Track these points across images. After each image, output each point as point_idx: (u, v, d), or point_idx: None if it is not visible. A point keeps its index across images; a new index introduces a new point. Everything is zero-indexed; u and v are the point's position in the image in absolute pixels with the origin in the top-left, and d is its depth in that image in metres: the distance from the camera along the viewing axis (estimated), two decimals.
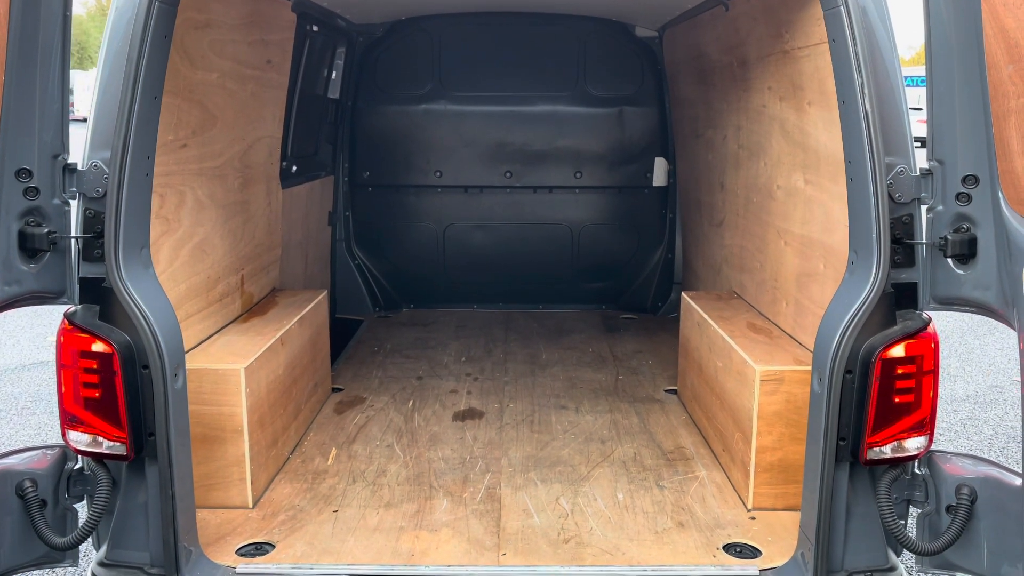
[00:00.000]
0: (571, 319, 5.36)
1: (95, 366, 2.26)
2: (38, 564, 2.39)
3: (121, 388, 2.25)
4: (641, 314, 5.46)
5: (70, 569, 3.22)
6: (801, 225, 3.09)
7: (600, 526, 2.74)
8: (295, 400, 3.41)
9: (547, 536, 2.68)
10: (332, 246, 5.36)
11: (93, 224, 2.29)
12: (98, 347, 2.25)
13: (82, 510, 2.45)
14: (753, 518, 2.80)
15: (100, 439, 2.30)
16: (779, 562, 2.50)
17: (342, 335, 4.98)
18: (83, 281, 2.32)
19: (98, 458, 2.33)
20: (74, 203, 2.31)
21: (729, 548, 2.62)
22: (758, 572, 2.46)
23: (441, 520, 2.79)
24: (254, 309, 3.56)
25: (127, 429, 2.27)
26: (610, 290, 5.59)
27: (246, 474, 2.85)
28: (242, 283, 3.48)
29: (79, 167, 2.29)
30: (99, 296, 2.30)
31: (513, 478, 3.10)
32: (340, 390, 4.08)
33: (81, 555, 3.01)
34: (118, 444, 2.29)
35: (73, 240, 2.31)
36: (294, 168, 4.34)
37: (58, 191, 2.27)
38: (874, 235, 2.25)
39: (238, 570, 2.46)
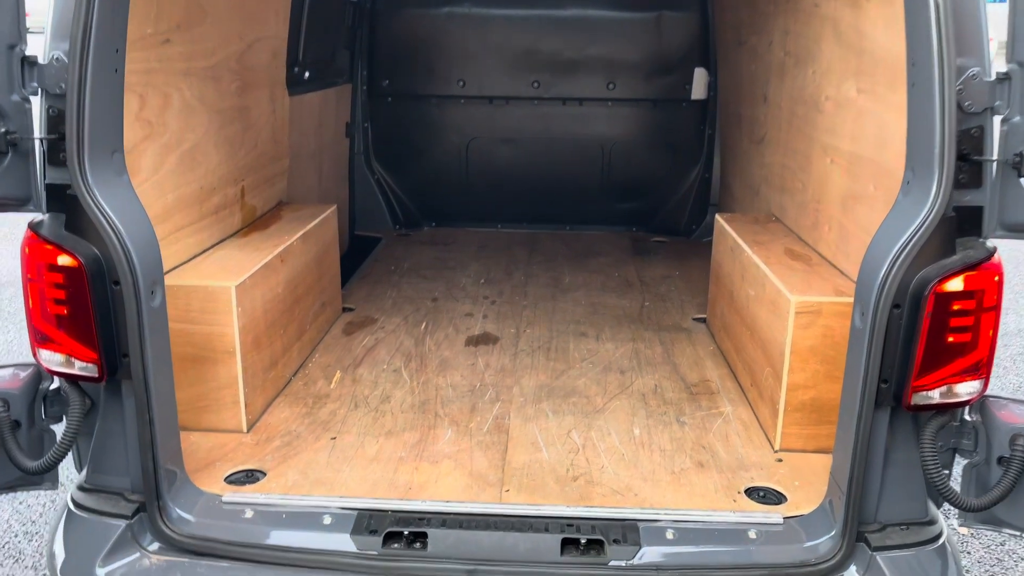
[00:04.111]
0: (599, 241, 5.09)
1: (61, 281, 2.08)
2: (13, 487, 2.28)
3: (91, 305, 2.07)
4: (673, 237, 5.17)
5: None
6: (851, 141, 2.77)
7: (612, 463, 2.55)
8: (298, 320, 3.24)
9: (555, 472, 2.50)
10: (350, 159, 5.12)
11: (57, 124, 2.07)
12: (64, 260, 2.06)
13: (61, 431, 2.32)
14: (780, 460, 2.59)
15: (72, 359, 2.14)
16: (805, 510, 2.29)
17: (359, 253, 4.79)
18: (49, 188, 2.12)
19: (72, 379, 2.18)
20: (36, 100, 2.10)
21: (751, 492, 2.41)
22: (782, 520, 2.25)
23: (443, 451, 2.62)
24: (256, 223, 3.36)
25: (99, 350, 2.10)
26: (641, 211, 5.30)
27: (239, 397, 2.70)
28: (242, 195, 3.27)
29: (39, 60, 2.06)
30: (66, 205, 2.10)
31: (524, 408, 2.92)
32: (351, 310, 3.90)
33: (67, 478, 2.92)
34: (91, 365, 2.12)
35: (37, 142, 2.10)
36: (306, 74, 4.07)
37: (17, 86, 2.05)
38: (936, 150, 1.94)
39: (224, 499, 2.33)
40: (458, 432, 2.74)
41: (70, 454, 2.30)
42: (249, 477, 2.48)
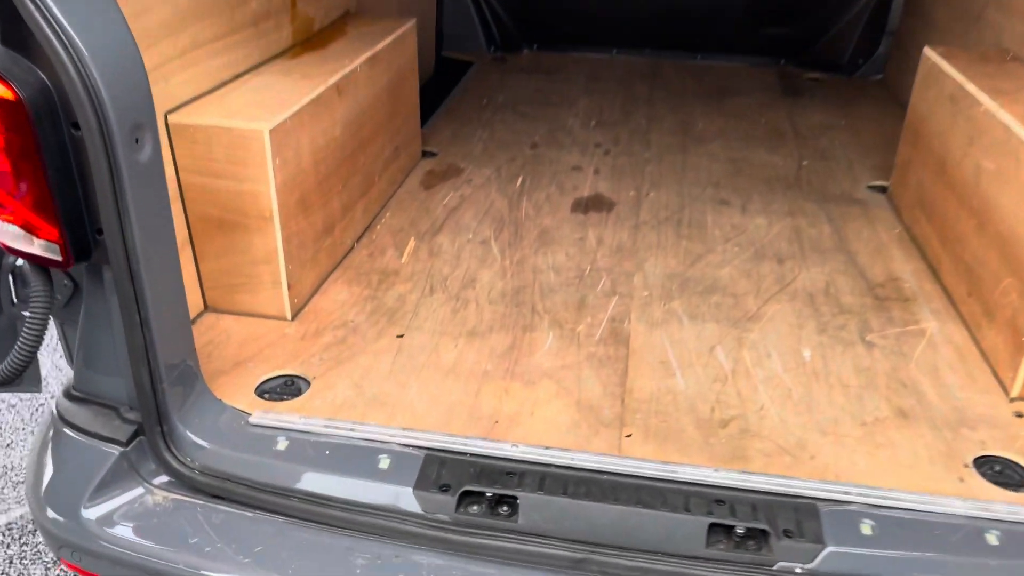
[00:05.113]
0: (738, 76, 4.12)
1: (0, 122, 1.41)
2: None
3: (40, 160, 1.42)
4: (832, 74, 4.14)
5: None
6: None
7: (776, 403, 1.85)
8: (363, 170, 2.54)
9: (695, 411, 1.82)
10: None
11: None
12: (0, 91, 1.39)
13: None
14: (1021, 415, 1.82)
15: (32, 235, 1.52)
16: None
17: (445, 81, 3.99)
18: None
19: (35, 260, 1.57)
20: None
21: (983, 464, 1.68)
22: None
23: (542, 366, 1.96)
24: (311, 41, 2.60)
25: (58, 223, 1.47)
26: (793, 39, 4.25)
27: (280, 276, 2.07)
28: (293, 1, 2.50)
29: None
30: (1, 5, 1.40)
31: (648, 308, 2.20)
32: (433, 155, 3.18)
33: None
34: (53, 244, 1.50)
35: None
36: None
37: None
38: None
39: (252, 419, 1.75)
40: (562, 338, 2.07)
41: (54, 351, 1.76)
42: (288, 387, 1.89)
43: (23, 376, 1.72)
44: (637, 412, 1.81)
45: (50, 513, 1.65)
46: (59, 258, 1.49)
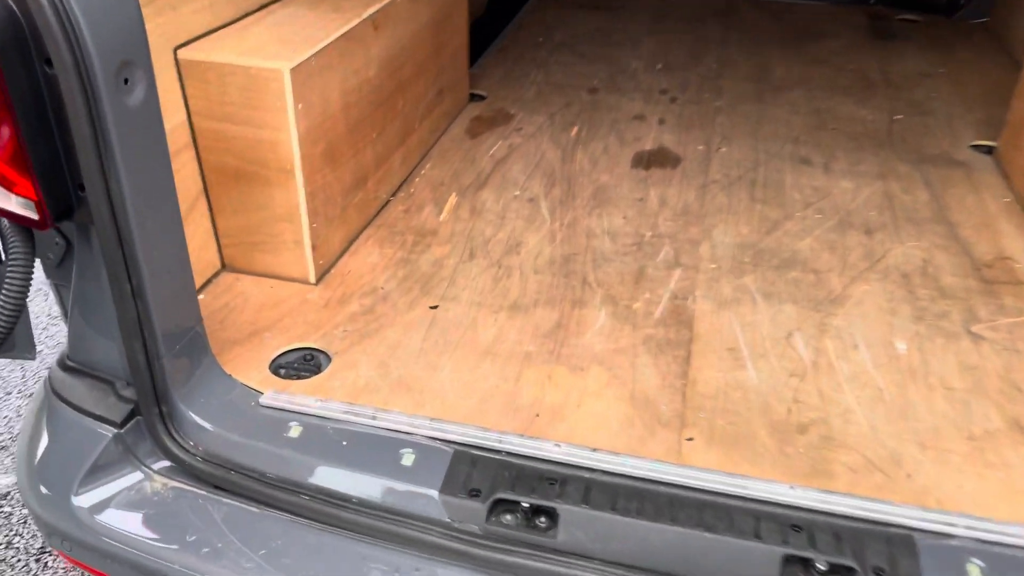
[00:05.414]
0: (822, 17, 3.73)
1: None
2: None
3: (6, 103, 1.21)
4: (930, 15, 3.72)
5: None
6: None
7: (865, 405, 1.58)
8: (402, 116, 2.30)
9: (768, 412, 1.57)
10: None
11: None
12: None
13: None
14: None
15: (8, 190, 1.32)
16: None
17: (497, 17, 3.69)
18: None
19: (11, 218, 1.38)
20: None
21: None
22: None
23: (592, 349, 1.72)
24: None
25: (32, 177, 1.26)
26: None
27: (303, 236, 1.86)
28: None
29: None
30: None
31: (716, 284, 1.94)
32: (481, 98, 2.91)
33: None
34: (29, 201, 1.30)
35: None
36: None
37: None
38: None
39: (264, 400, 1.56)
40: (616, 316, 1.82)
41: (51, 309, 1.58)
42: (307, 363, 1.69)
43: (13, 341, 1.55)
44: (700, 410, 1.57)
45: (40, 496, 1.49)
46: (36, 216, 1.29)
